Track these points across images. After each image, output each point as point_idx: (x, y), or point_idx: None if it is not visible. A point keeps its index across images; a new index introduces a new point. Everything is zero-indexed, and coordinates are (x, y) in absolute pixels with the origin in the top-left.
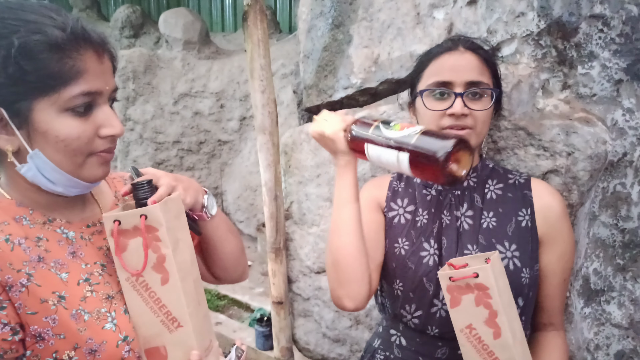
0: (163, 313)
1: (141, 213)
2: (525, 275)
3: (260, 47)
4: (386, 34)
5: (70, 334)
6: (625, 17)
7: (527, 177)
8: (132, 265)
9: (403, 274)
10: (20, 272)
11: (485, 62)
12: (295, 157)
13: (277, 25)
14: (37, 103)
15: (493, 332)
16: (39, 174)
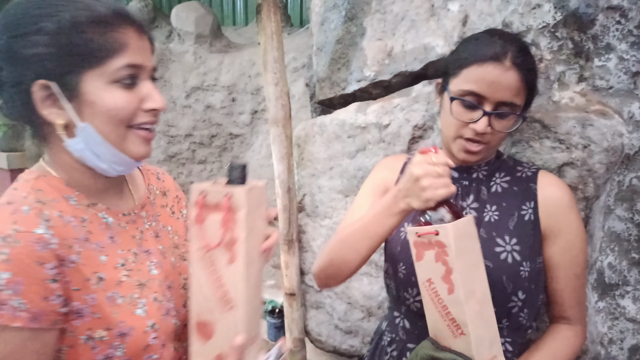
0: (221, 291)
1: (227, 192)
2: (525, 268)
3: (274, 40)
4: (400, 26)
5: (105, 314)
6: None
7: (536, 169)
8: (205, 238)
9: (407, 258)
10: (70, 248)
11: (526, 82)
12: (308, 149)
13: (288, 18)
14: (85, 75)
15: (447, 287)
16: (87, 148)
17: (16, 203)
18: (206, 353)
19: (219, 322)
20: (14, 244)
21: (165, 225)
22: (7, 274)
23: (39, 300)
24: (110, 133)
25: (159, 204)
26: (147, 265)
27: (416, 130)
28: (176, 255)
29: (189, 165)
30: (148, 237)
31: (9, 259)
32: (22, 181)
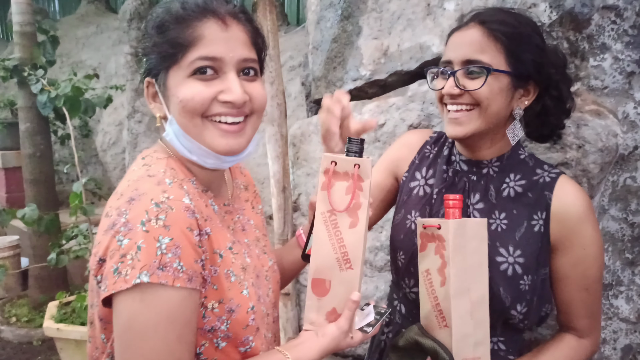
0: (341, 252)
1: (357, 162)
2: (526, 282)
3: (270, 38)
4: (396, 25)
5: (222, 288)
6: (639, 8)
7: (557, 175)
8: (332, 203)
9: (407, 248)
10: (206, 221)
11: (494, 37)
12: (303, 148)
13: (285, 17)
14: (171, 72)
15: (441, 280)
16: (176, 140)
17: (157, 176)
18: (321, 307)
19: (336, 279)
20: (169, 210)
21: (249, 219)
22: (167, 238)
23: (192, 262)
24: (187, 124)
25: (242, 198)
26: (243, 253)
27: (412, 130)
28: (259, 248)
29: None
30: (238, 229)
31: (167, 225)
32: (154, 159)
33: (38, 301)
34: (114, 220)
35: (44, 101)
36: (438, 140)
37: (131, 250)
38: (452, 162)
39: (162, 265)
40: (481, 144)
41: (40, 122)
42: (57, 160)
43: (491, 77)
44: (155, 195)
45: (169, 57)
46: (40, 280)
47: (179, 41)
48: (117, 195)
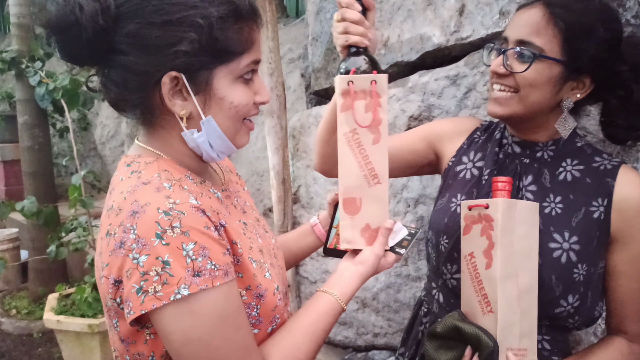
0: (368, 169)
1: (373, 79)
2: (581, 271)
3: (269, 30)
4: (396, 16)
5: (247, 275)
6: None
7: (618, 163)
8: (352, 122)
9: (451, 232)
10: (218, 214)
11: (554, 21)
12: (303, 140)
13: (284, 9)
14: (218, 71)
15: (486, 262)
16: (204, 141)
17: (153, 182)
18: (355, 225)
19: (366, 196)
20: (181, 216)
21: (245, 200)
22: (192, 244)
23: (221, 256)
24: (230, 127)
25: (233, 180)
26: (255, 234)
27: (412, 121)
28: (261, 227)
29: None
30: (239, 211)
31: (185, 230)
32: (141, 164)
33: (38, 293)
34: (122, 238)
35: (42, 94)
36: (489, 128)
37: (154, 267)
38: (503, 145)
39: (196, 272)
40: (530, 127)
41: (38, 115)
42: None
43: (540, 62)
44: (160, 203)
45: (221, 57)
46: (40, 273)
47: (239, 42)
48: (115, 211)
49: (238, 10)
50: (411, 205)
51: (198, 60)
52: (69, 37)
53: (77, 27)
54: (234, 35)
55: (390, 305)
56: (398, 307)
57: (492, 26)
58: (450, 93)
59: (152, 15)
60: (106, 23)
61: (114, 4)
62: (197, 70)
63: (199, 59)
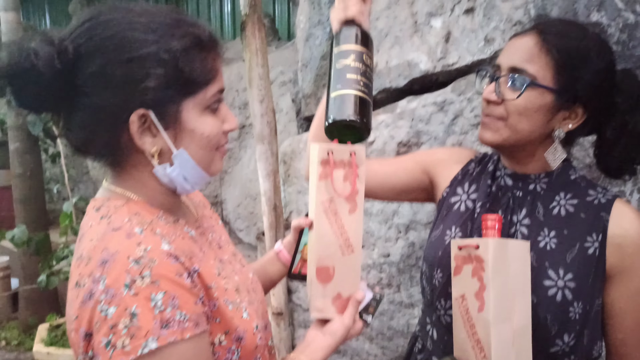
0: (343, 238)
1: (352, 150)
2: (576, 309)
3: (259, 57)
4: (384, 43)
5: (224, 319)
6: (622, 24)
7: (613, 197)
8: (331, 190)
9: (445, 266)
10: (191, 259)
11: (547, 49)
12: (294, 166)
13: (275, 32)
14: (186, 104)
15: (479, 305)
16: (178, 174)
17: (124, 228)
18: (327, 294)
19: (339, 265)
20: (152, 264)
21: (220, 235)
22: (161, 293)
23: (192, 306)
24: (203, 157)
25: (207, 215)
26: (231, 272)
27: (401, 147)
28: (237, 261)
29: None
30: (215, 247)
31: (154, 280)
32: (111, 208)
33: (28, 323)
34: (91, 289)
35: (34, 120)
36: (483, 159)
37: (122, 318)
38: (496, 177)
39: (165, 323)
40: (522, 157)
41: (30, 141)
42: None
43: (532, 90)
44: (130, 251)
45: (188, 89)
46: (31, 302)
47: (204, 73)
48: (84, 260)
49: (200, 41)
50: (402, 231)
51: (165, 95)
52: (26, 85)
53: (33, 73)
54: (199, 66)
55: (384, 332)
56: (392, 335)
57: (478, 53)
58: (438, 119)
59: (115, 54)
60: (64, 66)
61: (71, 45)
62: (165, 105)
63: (166, 94)
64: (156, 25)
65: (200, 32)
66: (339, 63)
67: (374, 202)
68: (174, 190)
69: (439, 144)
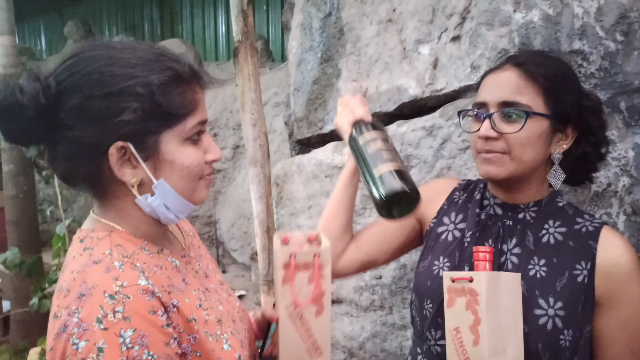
0: (310, 342)
1: (316, 252)
2: (567, 337)
3: (251, 82)
4: (374, 68)
5: (205, 352)
6: (604, 52)
7: (600, 224)
8: (296, 297)
9: (435, 297)
10: (169, 294)
11: (532, 79)
12: (286, 188)
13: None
14: (165, 135)
15: (473, 338)
16: (160, 204)
17: (104, 261)
18: None
19: None
20: (126, 300)
21: (208, 264)
22: (130, 330)
23: (163, 347)
24: (185, 187)
25: (195, 244)
26: (215, 302)
27: None
28: (225, 291)
29: None
30: (202, 277)
31: (127, 316)
32: (94, 240)
33: (19, 347)
34: (65, 322)
35: None
36: (467, 187)
37: (91, 353)
38: (484, 206)
39: None
40: (518, 187)
41: (23, 163)
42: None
43: (530, 120)
44: (107, 286)
45: (166, 121)
46: (22, 325)
47: (182, 105)
48: (64, 292)
49: (178, 75)
50: None
51: (143, 128)
52: (12, 119)
53: (18, 108)
54: (177, 99)
55: (377, 354)
56: (385, 357)
57: (465, 79)
58: (427, 143)
59: (94, 89)
60: (48, 101)
61: (54, 81)
62: (143, 137)
63: (144, 126)
64: (136, 61)
65: (179, 67)
66: (369, 149)
67: (366, 222)
68: (158, 219)
69: (428, 167)
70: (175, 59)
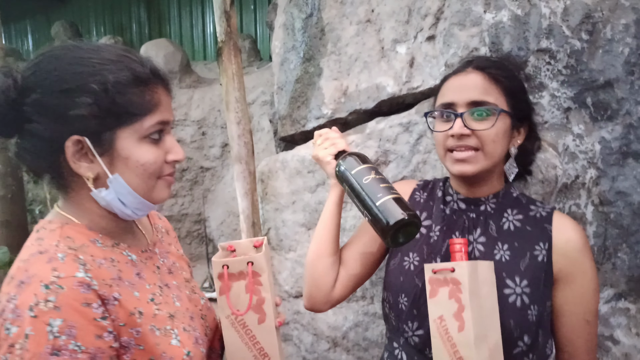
0: (256, 349)
1: (249, 260)
2: (533, 312)
3: (235, 81)
4: (354, 67)
5: (149, 346)
6: (570, 50)
7: (551, 210)
8: (234, 305)
9: (409, 290)
10: (111, 287)
11: (495, 81)
12: (271, 184)
13: (257, 53)
14: (121, 132)
15: (458, 325)
16: (115, 199)
17: (49, 252)
18: None
19: None
20: (59, 290)
21: (175, 261)
22: (59, 320)
23: (93, 339)
24: (140, 184)
25: (166, 241)
26: (172, 297)
27: None
28: (189, 289)
29: None
30: (164, 273)
31: (57, 306)
32: (47, 231)
33: None
34: (3, 307)
35: None
36: (426, 186)
37: (20, 339)
38: (447, 202)
39: (56, 350)
40: (482, 182)
41: (11, 164)
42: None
43: (500, 117)
44: (44, 276)
45: (125, 118)
46: None
47: (140, 105)
48: (9, 278)
49: (137, 76)
50: None
51: (99, 123)
52: None
53: None
54: (135, 98)
55: (360, 343)
56: (367, 345)
57: (439, 77)
58: (403, 139)
59: (53, 85)
60: (15, 95)
61: (20, 77)
62: (100, 133)
63: (100, 122)
64: (98, 61)
65: (140, 68)
66: (365, 180)
67: (346, 217)
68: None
69: (405, 162)
70: (139, 60)
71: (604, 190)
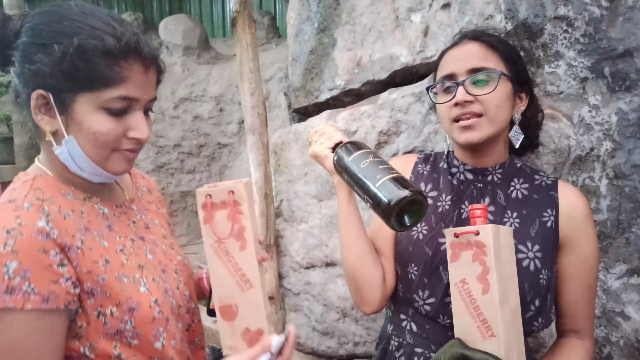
0: (239, 275)
1: (230, 189)
2: (544, 276)
3: (249, 51)
4: (368, 37)
5: (114, 292)
6: (588, 18)
7: (555, 178)
8: (217, 233)
9: (419, 259)
10: (73, 237)
11: (492, 47)
12: (284, 156)
13: (276, 30)
14: (80, 96)
15: (482, 287)
16: (70, 158)
17: (17, 201)
18: (234, 331)
19: (241, 301)
20: (18, 236)
21: (153, 218)
22: (15, 263)
23: (47, 283)
24: (92, 153)
25: (146, 199)
26: (144, 250)
27: (381, 136)
28: (166, 244)
29: (177, 175)
30: (140, 227)
31: (15, 250)
32: (20, 182)
33: None
34: None
35: None
36: (428, 159)
37: None
38: (454, 174)
39: (9, 290)
40: (488, 151)
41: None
42: None
43: (500, 81)
44: (8, 222)
45: (85, 84)
46: None
47: (104, 76)
48: None
49: (106, 47)
50: None
51: (59, 83)
52: None
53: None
54: (100, 68)
55: None
56: (375, 316)
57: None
58: (415, 109)
59: (33, 37)
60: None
61: (19, 22)
62: (60, 92)
63: (59, 82)
64: (79, 25)
65: (112, 41)
66: (362, 165)
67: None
68: None
69: (416, 132)
70: (119, 33)
71: (620, 164)
